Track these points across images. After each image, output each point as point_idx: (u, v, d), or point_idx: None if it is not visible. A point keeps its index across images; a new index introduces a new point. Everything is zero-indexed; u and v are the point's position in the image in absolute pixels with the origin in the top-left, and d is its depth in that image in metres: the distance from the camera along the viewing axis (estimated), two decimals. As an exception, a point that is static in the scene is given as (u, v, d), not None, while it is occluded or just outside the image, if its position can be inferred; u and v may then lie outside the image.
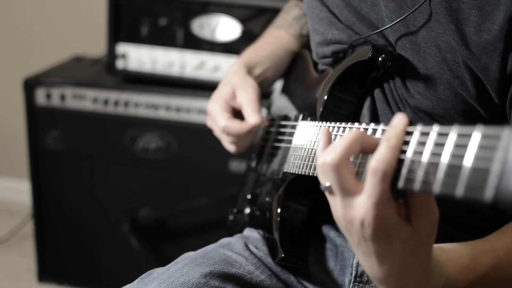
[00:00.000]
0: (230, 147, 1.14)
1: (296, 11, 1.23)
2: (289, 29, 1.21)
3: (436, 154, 0.59)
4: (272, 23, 1.28)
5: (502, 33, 0.80)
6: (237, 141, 1.12)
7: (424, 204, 0.65)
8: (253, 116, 1.06)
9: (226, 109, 1.10)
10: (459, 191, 0.55)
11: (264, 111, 1.18)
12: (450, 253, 0.75)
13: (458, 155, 0.56)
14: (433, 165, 0.58)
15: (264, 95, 1.20)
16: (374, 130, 0.71)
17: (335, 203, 0.68)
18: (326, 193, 0.70)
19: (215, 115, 1.10)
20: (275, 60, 1.18)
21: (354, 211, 0.65)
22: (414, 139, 0.63)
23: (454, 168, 0.56)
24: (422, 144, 0.61)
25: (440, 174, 0.57)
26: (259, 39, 1.25)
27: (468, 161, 0.55)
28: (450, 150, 0.57)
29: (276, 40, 1.20)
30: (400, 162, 0.63)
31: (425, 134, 0.62)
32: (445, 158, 0.57)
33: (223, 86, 1.13)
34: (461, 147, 0.56)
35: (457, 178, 0.55)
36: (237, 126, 1.07)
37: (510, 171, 0.50)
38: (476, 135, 0.55)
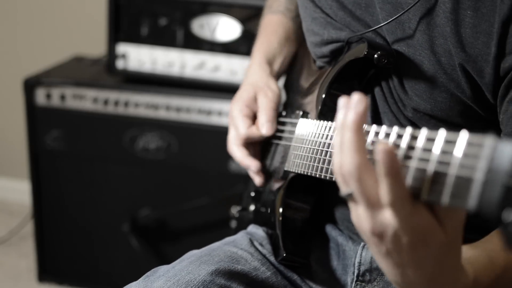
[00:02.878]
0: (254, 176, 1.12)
1: None
2: (287, 13, 1.22)
3: (423, 160, 0.59)
4: (267, 6, 1.27)
5: (496, 36, 0.79)
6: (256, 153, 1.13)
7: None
8: (266, 126, 1.07)
9: (247, 114, 1.10)
10: (445, 199, 0.55)
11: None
12: (468, 253, 0.73)
13: (444, 162, 0.56)
14: (421, 171, 0.58)
15: None
16: (377, 133, 0.70)
17: (359, 213, 0.62)
18: (348, 201, 0.64)
19: (236, 122, 1.09)
20: (284, 51, 1.19)
21: (385, 221, 0.60)
22: (404, 142, 0.62)
23: (440, 176, 0.56)
24: (411, 148, 0.61)
25: (427, 180, 0.57)
26: (260, 28, 1.24)
27: (453, 168, 0.55)
28: (436, 156, 0.57)
29: (280, 28, 1.20)
30: None
31: (414, 138, 0.62)
32: (432, 164, 0.57)
33: (245, 88, 1.13)
34: (447, 154, 0.56)
35: (443, 185, 0.56)
36: (257, 132, 1.08)
37: (493, 181, 0.50)
38: (462, 142, 0.55)
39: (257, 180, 1.10)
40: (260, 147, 1.13)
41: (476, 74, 0.82)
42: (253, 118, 1.11)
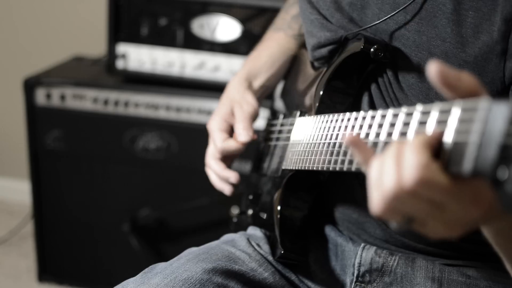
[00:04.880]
0: (224, 186, 1.15)
1: (295, 9, 1.24)
2: (288, 30, 1.22)
3: (420, 134, 0.60)
4: (273, 24, 1.28)
5: (499, 34, 0.80)
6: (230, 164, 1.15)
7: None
8: (243, 134, 1.09)
9: (224, 128, 1.12)
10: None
11: (265, 113, 1.19)
12: None
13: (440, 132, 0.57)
14: None
15: (267, 96, 1.22)
16: (373, 117, 0.72)
17: (438, 223, 0.59)
18: (412, 225, 0.60)
19: (213, 136, 1.12)
20: (275, 67, 1.19)
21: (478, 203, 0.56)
22: (399, 121, 0.64)
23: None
24: (407, 124, 0.63)
25: None
26: (259, 44, 1.25)
27: (448, 136, 0.56)
28: (432, 128, 0.58)
29: (275, 44, 1.21)
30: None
31: (409, 114, 0.63)
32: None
33: (222, 103, 1.16)
34: (442, 123, 0.57)
35: (439, 154, 0.56)
36: (233, 144, 1.10)
37: (488, 142, 0.51)
38: (456, 110, 0.56)
39: (227, 190, 1.14)
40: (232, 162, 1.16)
41: (478, 74, 0.82)
42: (230, 131, 1.13)
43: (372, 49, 0.89)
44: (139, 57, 1.90)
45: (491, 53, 0.81)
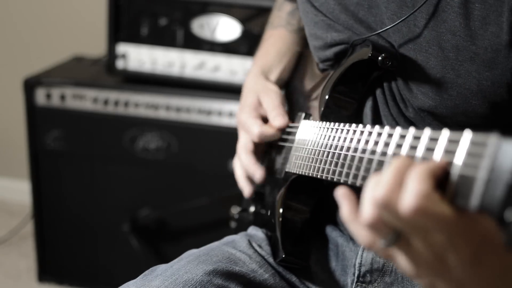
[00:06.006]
0: (246, 185, 1.13)
1: (288, 6, 1.24)
2: (288, 26, 1.22)
3: (426, 160, 0.59)
4: (269, 23, 1.28)
5: (507, 25, 0.80)
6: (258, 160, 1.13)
7: None
8: (277, 119, 1.06)
9: (256, 116, 1.09)
10: (447, 198, 0.55)
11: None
12: None
13: (448, 162, 0.56)
14: None
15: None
16: (379, 134, 0.70)
17: (416, 250, 0.59)
18: (393, 249, 0.61)
19: (248, 125, 1.09)
20: (284, 61, 1.19)
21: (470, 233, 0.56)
22: (407, 143, 0.63)
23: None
24: (413, 148, 0.62)
25: None
26: (261, 43, 1.25)
27: (456, 167, 0.55)
28: (440, 156, 0.57)
29: (280, 40, 1.21)
30: None
31: (417, 138, 0.62)
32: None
33: (247, 95, 1.13)
34: (450, 153, 0.56)
35: (446, 185, 0.56)
36: (271, 130, 1.06)
37: (497, 179, 0.50)
38: (465, 141, 0.55)
39: (248, 191, 1.11)
40: (262, 155, 1.13)
41: (488, 66, 0.82)
42: (262, 120, 1.11)
43: (380, 58, 0.88)
44: (139, 57, 1.90)
45: (500, 44, 0.81)
